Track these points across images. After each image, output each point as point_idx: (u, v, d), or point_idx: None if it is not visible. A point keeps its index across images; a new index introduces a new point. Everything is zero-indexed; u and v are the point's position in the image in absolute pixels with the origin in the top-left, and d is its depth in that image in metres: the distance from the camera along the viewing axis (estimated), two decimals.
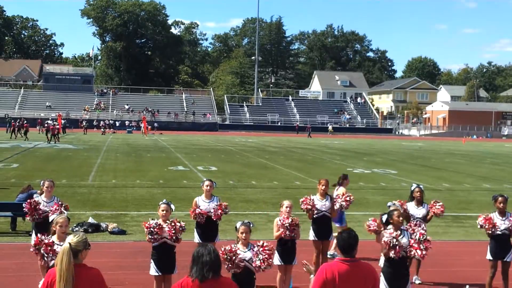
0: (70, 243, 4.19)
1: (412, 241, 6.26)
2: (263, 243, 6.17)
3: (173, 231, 6.75)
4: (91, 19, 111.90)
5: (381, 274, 6.20)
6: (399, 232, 6.18)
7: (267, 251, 6.09)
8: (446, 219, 13.66)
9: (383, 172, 24.61)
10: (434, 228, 12.24)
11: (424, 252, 6.26)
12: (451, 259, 10.00)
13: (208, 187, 8.35)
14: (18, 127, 46.10)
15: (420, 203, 8.44)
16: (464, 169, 27.63)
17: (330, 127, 74.97)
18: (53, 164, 24.81)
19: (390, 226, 6.25)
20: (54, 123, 43.07)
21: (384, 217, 6.33)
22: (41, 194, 8.35)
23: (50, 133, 40.89)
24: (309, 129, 68.50)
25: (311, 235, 8.47)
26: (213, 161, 27.78)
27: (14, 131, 45.32)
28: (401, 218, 6.38)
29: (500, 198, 7.70)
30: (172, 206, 7.10)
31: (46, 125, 44.49)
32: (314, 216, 8.46)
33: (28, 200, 8.17)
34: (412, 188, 8.60)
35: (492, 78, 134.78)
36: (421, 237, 6.31)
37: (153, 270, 6.93)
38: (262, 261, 6.03)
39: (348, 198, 8.83)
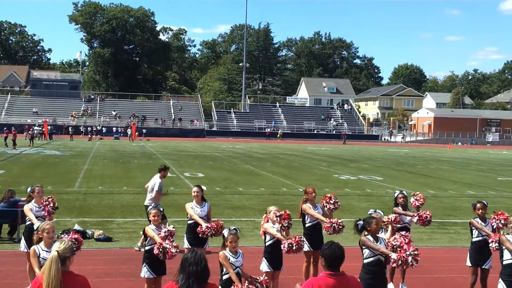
0: (57, 251, 4.20)
1: (404, 252, 6.07)
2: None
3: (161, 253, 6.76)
4: (79, 25, 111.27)
5: (359, 279, 6.24)
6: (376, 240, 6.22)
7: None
8: (432, 226, 13.70)
9: (369, 179, 24.78)
10: (419, 235, 12.37)
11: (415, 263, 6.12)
12: (436, 265, 10.10)
13: (196, 193, 8.47)
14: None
15: (404, 208, 8.55)
16: (449, 175, 27.90)
17: (280, 132, 75.14)
18: (39, 170, 24.63)
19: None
20: (13, 128, 45.82)
21: (360, 224, 6.34)
22: (30, 200, 8.32)
23: (13, 138, 40.93)
24: (344, 136, 68.70)
25: (305, 245, 8.15)
26: (200, 168, 27.77)
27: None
28: (378, 226, 6.34)
29: (478, 205, 7.86)
30: (161, 208, 7.39)
31: (12, 129, 44.78)
32: (307, 225, 8.31)
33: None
34: (396, 195, 8.71)
35: (477, 86, 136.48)
36: (414, 250, 6.11)
37: (147, 273, 6.98)
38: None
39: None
